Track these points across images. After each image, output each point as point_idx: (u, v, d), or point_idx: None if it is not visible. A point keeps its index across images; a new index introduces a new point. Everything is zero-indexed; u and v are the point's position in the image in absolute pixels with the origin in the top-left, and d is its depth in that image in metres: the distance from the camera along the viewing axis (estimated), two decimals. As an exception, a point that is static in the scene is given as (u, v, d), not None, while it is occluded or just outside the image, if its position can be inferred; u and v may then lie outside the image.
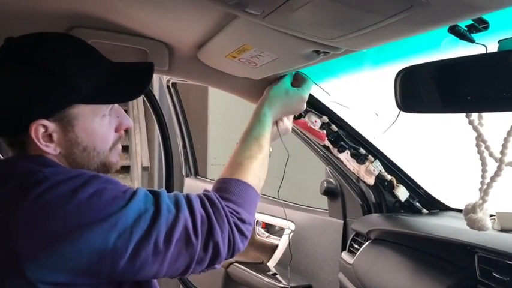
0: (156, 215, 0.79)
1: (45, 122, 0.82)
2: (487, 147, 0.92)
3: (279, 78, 1.23)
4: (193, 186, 2.56)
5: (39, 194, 0.74)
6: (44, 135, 0.83)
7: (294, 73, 1.22)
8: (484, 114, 0.91)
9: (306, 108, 1.45)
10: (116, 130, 0.93)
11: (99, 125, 0.88)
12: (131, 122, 0.96)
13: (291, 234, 1.92)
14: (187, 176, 2.63)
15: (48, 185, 0.75)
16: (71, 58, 0.85)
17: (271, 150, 1.15)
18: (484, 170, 0.93)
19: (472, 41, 0.80)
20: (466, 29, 0.79)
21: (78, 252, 0.72)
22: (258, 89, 1.32)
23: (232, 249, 0.88)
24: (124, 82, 0.91)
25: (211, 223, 0.84)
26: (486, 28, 0.79)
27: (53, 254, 0.72)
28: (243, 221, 0.90)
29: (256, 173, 1.00)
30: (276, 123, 1.19)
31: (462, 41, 0.83)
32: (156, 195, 0.83)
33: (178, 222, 0.81)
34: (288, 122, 1.24)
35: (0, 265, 0.74)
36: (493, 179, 0.92)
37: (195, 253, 0.82)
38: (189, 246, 0.81)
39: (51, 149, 0.84)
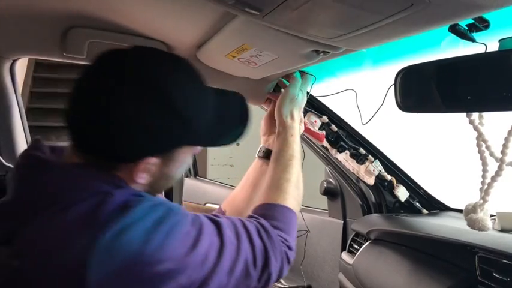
0: (221, 248, 0.76)
1: (154, 159, 0.76)
2: (487, 147, 0.91)
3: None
4: (192, 186, 2.56)
5: (116, 234, 0.67)
6: (144, 169, 0.77)
7: (298, 76, 1.21)
8: (485, 114, 0.90)
9: (306, 108, 1.45)
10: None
11: (190, 158, 0.86)
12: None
13: (307, 234, 1.90)
14: (187, 176, 2.63)
15: (127, 221, 0.68)
16: (194, 99, 0.79)
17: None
18: (484, 170, 0.93)
19: (472, 40, 0.80)
20: (466, 28, 0.79)
21: None
22: (257, 88, 1.32)
23: (279, 277, 0.87)
24: (226, 126, 0.88)
25: (267, 254, 0.83)
26: (487, 27, 0.78)
27: None
28: (290, 248, 0.89)
29: (295, 197, 1.00)
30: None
31: (462, 40, 0.83)
32: (217, 225, 0.80)
33: (240, 255, 0.79)
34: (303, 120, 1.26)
35: None
36: (493, 179, 0.92)
37: (251, 284, 0.81)
38: (248, 278, 0.80)
39: (143, 179, 0.78)
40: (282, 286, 1.82)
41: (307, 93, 1.32)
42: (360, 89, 1.32)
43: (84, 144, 0.75)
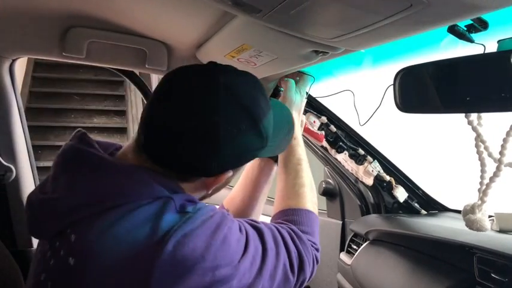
0: (264, 254, 0.78)
1: (231, 172, 0.81)
2: (486, 148, 0.92)
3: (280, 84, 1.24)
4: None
5: (178, 243, 0.67)
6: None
7: (291, 80, 1.21)
8: (483, 115, 0.91)
9: (305, 109, 1.45)
10: None
11: None
12: None
13: None
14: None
15: (190, 226, 0.69)
16: (268, 117, 0.81)
17: None
18: (483, 171, 0.93)
19: (471, 40, 0.80)
20: (465, 28, 0.79)
21: None
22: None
23: (309, 279, 0.88)
24: (280, 136, 0.92)
25: (302, 260, 0.84)
26: (485, 28, 0.79)
27: None
28: (318, 250, 0.91)
29: (312, 200, 1.01)
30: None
31: (461, 41, 0.83)
32: (259, 231, 0.81)
33: (280, 260, 0.80)
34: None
35: None
36: (492, 179, 0.92)
37: None
38: (287, 283, 0.81)
39: (205, 192, 0.83)
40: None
41: (306, 93, 1.31)
42: (359, 89, 1.32)
43: (162, 157, 0.75)
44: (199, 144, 0.73)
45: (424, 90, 0.90)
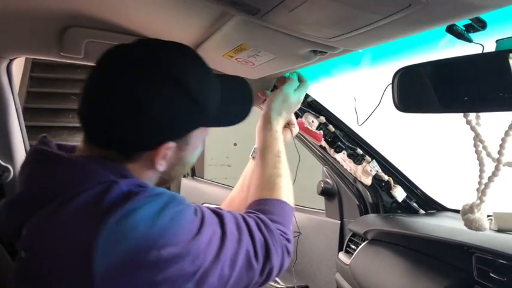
0: (223, 238, 0.77)
1: (172, 144, 0.79)
2: (484, 147, 0.92)
3: (279, 84, 1.23)
4: (190, 186, 2.56)
5: (122, 217, 0.68)
6: (163, 155, 0.79)
7: (295, 77, 1.21)
8: (482, 114, 0.91)
9: (303, 109, 1.45)
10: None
11: (202, 142, 0.88)
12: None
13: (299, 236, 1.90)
14: (184, 176, 2.63)
15: (131, 206, 0.69)
16: (204, 81, 0.83)
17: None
18: (481, 170, 0.93)
19: (469, 40, 0.80)
20: (463, 28, 0.79)
21: (154, 280, 0.69)
22: (254, 89, 1.32)
23: (280, 270, 0.88)
24: (234, 104, 0.91)
25: (269, 248, 0.84)
26: (483, 28, 0.79)
27: (129, 282, 0.68)
28: (289, 241, 0.90)
29: (288, 190, 1.01)
30: (289, 129, 1.23)
31: (459, 41, 0.83)
32: (219, 216, 0.81)
33: (242, 247, 0.79)
34: (296, 123, 1.27)
35: (72, 284, 0.68)
36: (490, 179, 0.92)
37: (254, 277, 0.81)
38: (250, 271, 0.80)
39: (161, 167, 0.80)
40: (280, 286, 1.81)
41: (308, 98, 1.31)
42: (357, 89, 1.32)
43: (100, 137, 0.77)
44: (125, 117, 0.74)
45: (422, 90, 0.90)
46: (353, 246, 1.57)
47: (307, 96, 1.47)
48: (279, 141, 1.10)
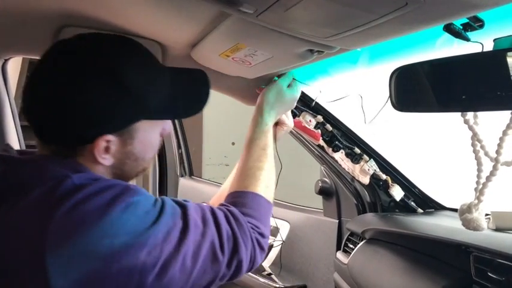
0: (184, 230, 0.77)
1: (110, 137, 0.78)
2: (482, 147, 0.91)
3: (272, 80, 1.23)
4: (188, 186, 2.55)
5: (70, 208, 0.69)
6: (103, 148, 0.79)
7: (289, 75, 1.21)
8: (480, 114, 0.90)
9: (301, 108, 1.45)
10: (160, 135, 0.91)
11: (156, 137, 0.87)
12: (171, 126, 0.95)
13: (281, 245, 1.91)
14: (182, 176, 2.62)
15: (80, 197, 0.70)
16: (144, 73, 0.82)
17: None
18: (479, 170, 0.93)
19: (467, 39, 0.80)
20: (461, 27, 0.79)
21: (109, 271, 0.68)
22: (251, 89, 1.31)
23: (252, 265, 0.87)
24: (185, 97, 0.89)
25: (236, 240, 0.83)
26: (481, 26, 0.78)
27: (83, 272, 0.68)
28: (262, 235, 0.89)
29: (268, 185, 0.99)
30: (280, 125, 1.21)
31: (457, 40, 0.82)
32: (183, 208, 0.80)
33: (206, 239, 0.79)
34: (290, 121, 1.25)
35: (28, 280, 0.68)
36: (488, 178, 0.92)
37: (220, 270, 0.81)
38: (215, 263, 0.80)
39: (106, 161, 0.80)
40: (277, 286, 1.81)
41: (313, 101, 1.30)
42: (356, 88, 1.32)
43: (42, 134, 0.79)
44: (56, 109, 0.75)
45: (419, 89, 0.90)
46: (351, 246, 1.57)
47: (310, 100, 1.47)
48: (268, 134, 1.09)
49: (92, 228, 0.68)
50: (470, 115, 0.90)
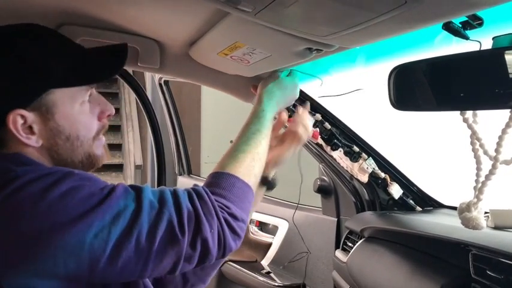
0: (137, 211, 0.75)
1: (23, 111, 0.78)
2: (481, 145, 0.91)
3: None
4: (186, 184, 2.53)
5: (8, 194, 0.69)
6: (23, 127, 0.79)
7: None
8: (479, 112, 0.90)
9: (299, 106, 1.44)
10: (99, 118, 0.90)
11: (80, 112, 0.85)
12: (113, 109, 0.92)
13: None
14: (180, 174, 2.62)
15: (17, 184, 0.70)
16: (40, 43, 0.82)
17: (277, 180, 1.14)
18: (478, 168, 0.93)
19: (466, 37, 0.80)
20: (460, 25, 0.78)
21: (53, 256, 0.68)
22: (250, 86, 1.31)
23: (223, 247, 0.82)
24: (97, 62, 0.88)
25: (199, 218, 0.79)
26: (480, 25, 0.78)
27: (26, 259, 0.68)
28: (234, 216, 0.84)
29: (250, 169, 0.94)
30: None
31: (455, 38, 0.82)
32: (138, 190, 0.78)
33: (162, 218, 0.76)
34: (309, 126, 1.19)
35: None
36: (487, 177, 0.92)
37: (182, 250, 0.77)
38: (175, 243, 0.76)
39: (33, 142, 0.80)
40: (276, 284, 1.81)
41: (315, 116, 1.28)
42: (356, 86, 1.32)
43: None
44: None
45: (418, 88, 0.90)
46: (350, 244, 1.57)
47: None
48: (262, 121, 1.04)
49: (28, 213, 0.69)
50: (469, 114, 0.90)
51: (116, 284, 0.80)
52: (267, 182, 1.13)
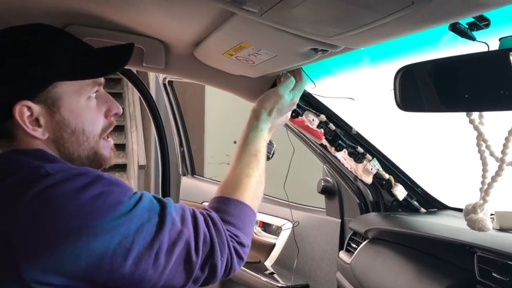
0: (160, 226, 0.77)
1: (29, 103, 0.80)
2: (487, 147, 0.91)
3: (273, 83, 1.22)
4: (190, 185, 2.55)
5: (40, 191, 0.71)
6: (30, 119, 0.81)
7: (291, 82, 1.18)
8: (485, 113, 0.90)
9: (304, 107, 1.44)
10: (106, 116, 0.91)
11: (86, 106, 0.87)
12: (120, 108, 0.94)
13: (296, 224, 1.89)
14: (184, 175, 2.62)
15: (51, 181, 0.72)
16: (45, 37, 0.85)
17: (274, 146, 1.14)
18: (484, 170, 0.92)
19: (473, 38, 0.79)
20: (467, 26, 0.78)
21: (76, 256, 0.70)
22: (255, 87, 1.31)
23: (228, 272, 0.87)
24: (102, 57, 0.90)
25: (213, 244, 0.83)
26: (487, 26, 0.78)
27: (50, 256, 0.69)
28: (242, 244, 0.89)
29: (254, 193, 0.97)
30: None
31: (460, 39, 0.82)
32: (162, 204, 0.81)
33: (182, 238, 0.79)
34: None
35: None
36: (493, 179, 0.91)
37: (193, 271, 0.81)
38: (189, 263, 0.80)
39: (39, 134, 0.82)
40: (280, 285, 1.81)
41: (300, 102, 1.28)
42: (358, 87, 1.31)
43: None
44: None
45: (424, 89, 0.89)
46: (354, 245, 1.57)
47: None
48: (261, 140, 1.06)
49: (58, 212, 0.70)
50: (475, 115, 0.90)
51: None
52: None
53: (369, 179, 1.56)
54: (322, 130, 1.49)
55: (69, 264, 0.70)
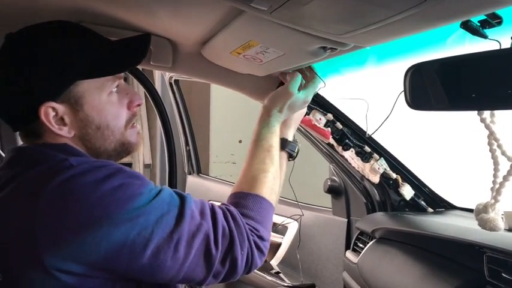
0: (179, 218, 0.78)
1: (53, 104, 0.82)
2: (499, 146, 0.90)
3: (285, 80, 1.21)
4: (195, 184, 2.55)
5: (63, 181, 0.73)
6: (55, 118, 0.83)
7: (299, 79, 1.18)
8: (497, 112, 0.89)
9: (311, 106, 1.44)
10: (128, 108, 0.92)
11: (108, 102, 0.88)
12: (141, 99, 0.95)
13: (300, 218, 1.89)
14: (190, 173, 2.62)
15: (73, 172, 0.74)
16: (64, 37, 0.86)
17: (299, 145, 1.16)
18: (496, 169, 0.91)
19: (485, 36, 0.78)
20: (478, 24, 0.77)
21: (97, 245, 0.72)
22: (262, 85, 1.31)
23: (249, 267, 0.87)
24: (121, 52, 0.91)
25: (232, 238, 0.83)
26: (499, 23, 0.77)
27: (70, 244, 0.71)
28: (262, 238, 0.89)
29: (272, 188, 0.99)
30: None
31: (469, 37, 0.81)
32: (181, 198, 0.82)
33: (201, 230, 0.80)
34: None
35: (20, 250, 0.73)
36: (505, 178, 0.90)
37: (213, 265, 0.81)
38: (208, 257, 0.80)
39: (65, 132, 0.84)
40: (286, 284, 1.80)
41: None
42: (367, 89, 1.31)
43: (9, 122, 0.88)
44: None
45: (434, 88, 0.88)
46: (360, 245, 1.56)
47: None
48: (273, 136, 1.08)
49: (80, 201, 0.72)
50: (487, 114, 0.89)
51: (148, 284, 0.82)
52: (286, 144, 1.15)
53: (376, 179, 1.56)
54: (330, 129, 1.49)
55: (89, 252, 0.72)
